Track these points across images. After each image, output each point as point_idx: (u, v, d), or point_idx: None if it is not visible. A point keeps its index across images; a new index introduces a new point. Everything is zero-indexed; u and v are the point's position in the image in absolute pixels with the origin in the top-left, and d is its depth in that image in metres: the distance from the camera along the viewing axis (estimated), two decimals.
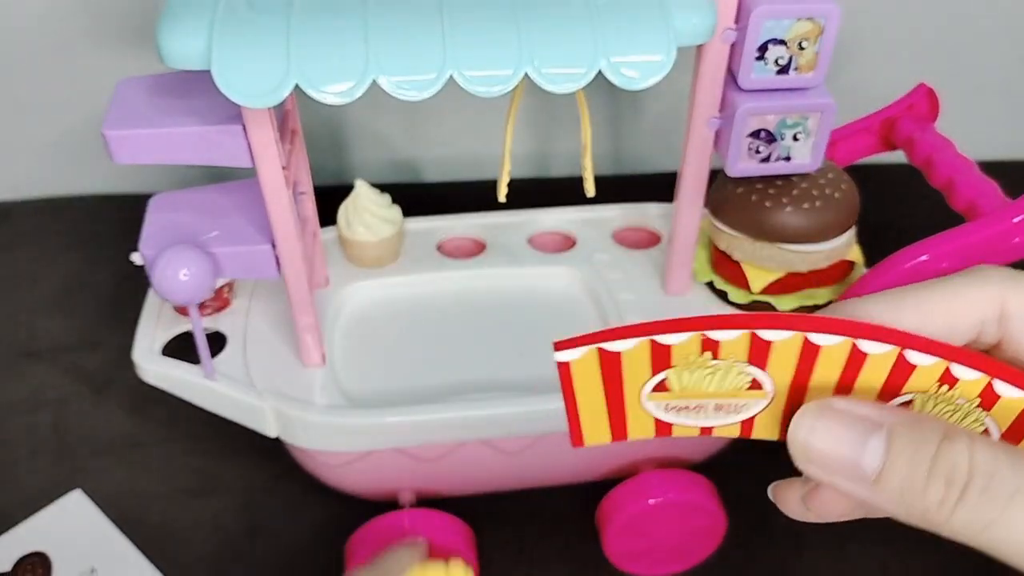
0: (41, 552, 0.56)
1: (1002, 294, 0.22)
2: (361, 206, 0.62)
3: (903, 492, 0.20)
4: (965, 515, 0.19)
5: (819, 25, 0.50)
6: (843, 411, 0.22)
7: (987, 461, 0.19)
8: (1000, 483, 0.19)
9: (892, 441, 0.20)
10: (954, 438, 0.20)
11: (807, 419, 0.22)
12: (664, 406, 0.25)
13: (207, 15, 0.43)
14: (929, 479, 0.20)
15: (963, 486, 0.19)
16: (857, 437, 0.21)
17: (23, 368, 0.68)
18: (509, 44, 0.43)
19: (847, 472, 0.21)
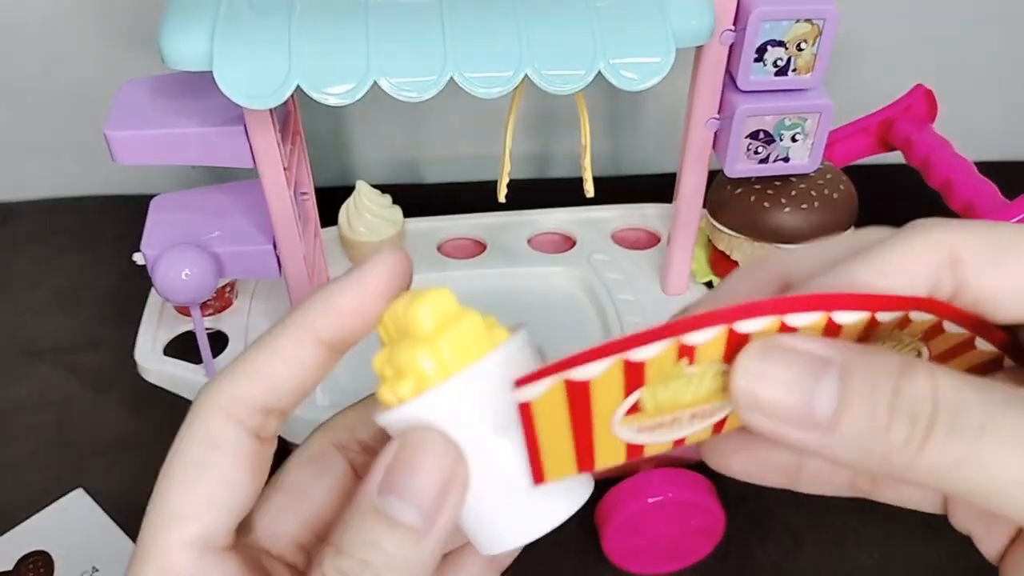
0: (43, 551, 0.56)
1: (949, 240, 0.21)
2: (362, 206, 0.62)
3: (862, 435, 0.18)
4: (931, 454, 0.18)
5: (817, 27, 0.50)
6: (789, 349, 0.19)
7: (952, 393, 0.18)
8: (967, 416, 0.18)
9: (846, 379, 0.19)
10: (914, 370, 0.18)
11: (750, 362, 0.20)
12: (637, 428, 0.23)
13: (209, 17, 0.43)
14: (891, 417, 0.18)
15: (928, 422, 0.18)
16: (807, 377, 0.19)
17: (26, 368, 0.68)
18: (509, 46, 0.43)
19: (798, 419, 0.19)
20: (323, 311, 0.24)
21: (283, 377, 0.24)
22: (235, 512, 0.24)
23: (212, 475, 0.24)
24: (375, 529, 0.22)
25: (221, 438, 0.24)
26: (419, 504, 0.22)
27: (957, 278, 0.21)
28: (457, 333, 0.23)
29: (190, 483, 0.24)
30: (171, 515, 0.24)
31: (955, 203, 0.59)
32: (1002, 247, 0.21)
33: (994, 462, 0.17)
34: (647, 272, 0.64)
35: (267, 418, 0.25)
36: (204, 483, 0.24)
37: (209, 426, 0.24)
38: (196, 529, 0.23)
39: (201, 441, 0.24)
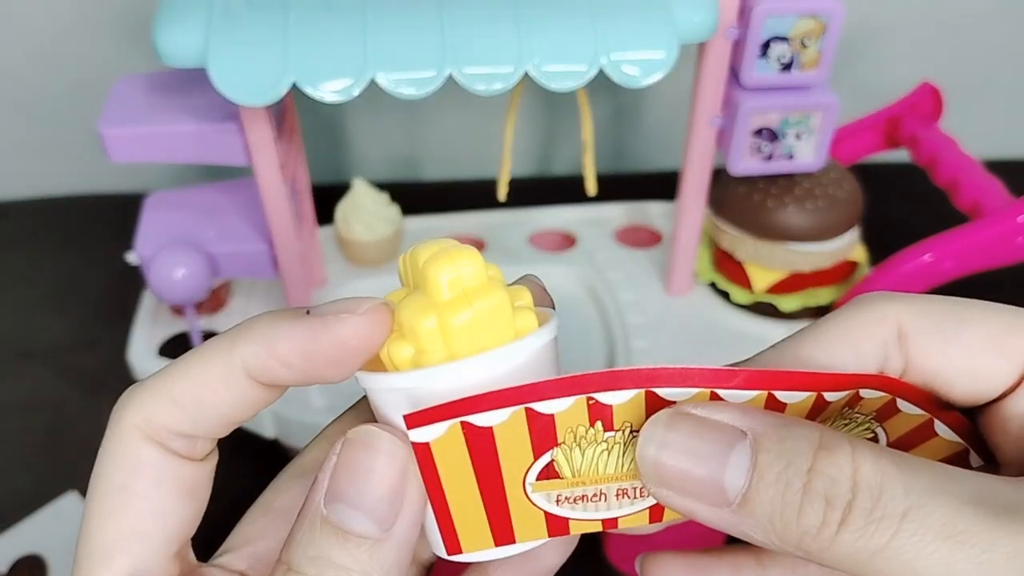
0: (36, 554, 0.55)
1: (895, 313, 0.20)
2: (359, 205, 0.61)
3: (774, 516, 0.17)
4: (848, 542, 0.16)
5: (822, 23, 0.49)
6: (700, 419, 0.18)
7: (874, 476, 0.16)
8: (890, 501, 0.16)
9: (759, 453, 0.17)
10: (833, 447, 0.17)
11: (657, 430, 0.18)
12: (555, 497, 0.20)
13: (204, 13, 0.42)
14: (804, 498, 0.17)
15: (845, 506, 0.16)
16: (717, 449, 0.17)
17: (18, 369, 0.68)
18: (509, 42, 0.42)
19: (706, 495, 0.18)
20: (260, 351, 0.21)
21: (212, 407, 0.21)
22: (170, 539, 0.22)
23: (136, 504, 0.21)
24: (324, 542, 0.19)
25: (142, 463, 0.21)
26: (370, 510, 0.19)
27: (905, 353, 0.20)
28: (477, 311, 0.20)
29: (114, 515, 0.21)
30: (97, 552, 0.21)
31: (961, 202, 0.58)
32: (949, 322, 0.20)
33: (917, 556, 0.16)
34: (649, 271, 0.63)
35: (192, 442, 0.22)
36: (129, 514, 0.21)
37: (128, 449, 0.21)
38: (126, 565, 0.21)
39: (120, 466, 0.21)
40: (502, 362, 0.20)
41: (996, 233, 0.55)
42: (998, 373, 0.20)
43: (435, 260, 0.20)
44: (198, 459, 0.22)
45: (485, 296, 0.20)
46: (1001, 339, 0.20)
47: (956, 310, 0.20)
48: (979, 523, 0.16)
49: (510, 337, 0.20)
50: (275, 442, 0.56)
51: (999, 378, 0.20)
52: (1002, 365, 0.20)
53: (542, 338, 0.20)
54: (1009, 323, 0.20)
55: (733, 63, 0.51)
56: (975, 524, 0.16)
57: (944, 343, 0.20)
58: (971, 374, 0.20)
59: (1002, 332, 0.20)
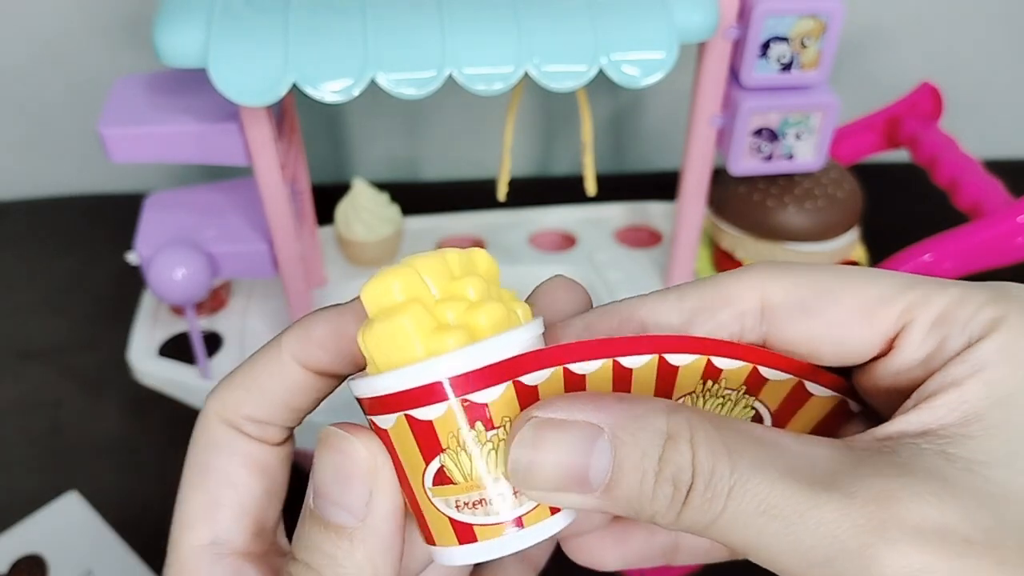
0: (37, 555, 0.55)
1: (761, 284, 0.22)
2: (359, 205, 0.61)
3: (631, 498, 0.20)
4: (690, 515, 0.19)
5: (822, 23, 0.49)
6: (561, 422, 0.20)
7: (706, 460, 0.19)
8: (719, 481, 0.19)
9: (618, 447, 0.19)
10: (676, 437, 0.19)
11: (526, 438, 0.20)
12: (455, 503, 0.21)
13: (204, 13, 0.42)
14: (657, 484, 0.19)
15: (687, 488, 0.19)
16: (580, 448, 0.20)
17: (19, 369, 0.68)
18: (509, 42, 0.42)
19: (574, 487, 0.20)
20: (299, 338, 0.24)
21: (272, 393, 0.24)
22: (245, 510, 0.24)
23: (213, 478, 0.24)
24: (313, 533, 0.22)
25: (218, 443, 0.24)
26: (344, 504, 0.22)
27: (767, 325, 0.22)
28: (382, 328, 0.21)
29: (196, 488, 0.24)
30: (184, 521, 0.24)
31: (961, 202, 0.58)
32: (815, 295, 0.22)
33: (739, 525, 0.19)
34: (649, 271, 0.63)
35: (263, 428, 0.25)
36: (208, 486, 0.24)
37: (209, 432, 0.25)
38: (207, 532, 0.24)
39: (202, 446, 0.25)
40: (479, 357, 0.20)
41: (996, 233, 0.55)
42: (865, 342, 0.21)
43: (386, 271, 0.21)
44: (271, 443, 0.25)
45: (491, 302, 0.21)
46: (871, 310, 0.21)
47: (828, 283, 0.22)
48: (789, 497, 0.18)
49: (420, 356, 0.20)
50: None
51: (865, 347, 0.22)
52: (869, 335, 0.21)
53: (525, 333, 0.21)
54: (880, 294, 0.21)
55: (733, 63, 0.51)
56: (785, 498, 0.18)
57: (807, 317, 0.22)
58: (837, 344, 0.22)
59: (872, 303, 0.21)
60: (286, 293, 0.54)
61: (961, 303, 0.20)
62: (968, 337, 0.20)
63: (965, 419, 0.19)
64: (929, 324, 0.21)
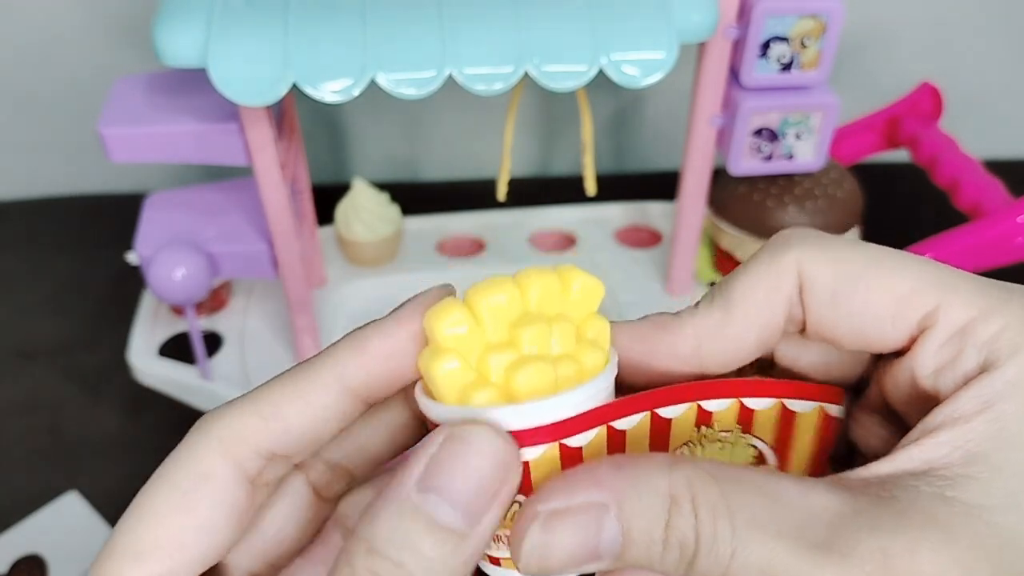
0: (36, 555, 0.55)
1: (799, 261, 0.21)
2: (359, 205, 0.61)
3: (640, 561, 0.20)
4: (698, 573, 0.20)
5: (822, 22, 0.49)
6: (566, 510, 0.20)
7: (708, 522, 0.19)
8: (721, 544, 0.19)
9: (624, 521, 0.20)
10: (679, 501, 0.19)
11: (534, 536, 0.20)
12: None
13: (204, 13, 0.42)
14: (665, 550, 0.20)
15: (693, 552, 0.19)
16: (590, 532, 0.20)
17: (19, 369, 0.68)
18: (509, 42, 0.42)
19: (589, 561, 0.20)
20: (353, 354, 0.22)
21: (298, 425, 0.22)
22: (205, 560, 0.22)
23: (187, 517, 0.22)
24: (413, 529, 0.20)
25: (210, 476, 0.22)
26: (463, 506, 0.20)
27: (805, 307, 0.22)
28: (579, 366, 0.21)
29: (162, 518, 0.22)
30: (132, 548, 0.22)
31: (962, 202, 0.58)
32: (850, 277, 0.21)
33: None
34: (649, 271, 0.63)
35: (269, 464, 0.23)
36: (176, 522, 0.22)
37: (201, 459, 0.22)
38: (154, 571, 0.21)
39: (188, 474, 0.22)
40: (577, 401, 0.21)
41: (996, 233, 0.55)
42: (887, 339, 0.21)
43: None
44: (263, 485, 0.23)
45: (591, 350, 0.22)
46: (899, 306, 0.21)
47: (861, 267, 0.21)
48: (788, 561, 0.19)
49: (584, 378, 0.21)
50: None
51: (887, 343, 0.21)
52: (892, 331, 0.21)
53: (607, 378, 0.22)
54: (911, 288, 0.21)
55: (733, 63, 0.51)
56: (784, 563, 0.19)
57: (838, 301, 0.21)
58: (860, 333, 0.21)
59: (901, 298, 0.21)
60: (286, 293, 0.54)
61: (985, 319, 0.20)
62: (981, 360, 0.20)
63: (968, 458, 0.19)
64: (948, 335, 0.20)
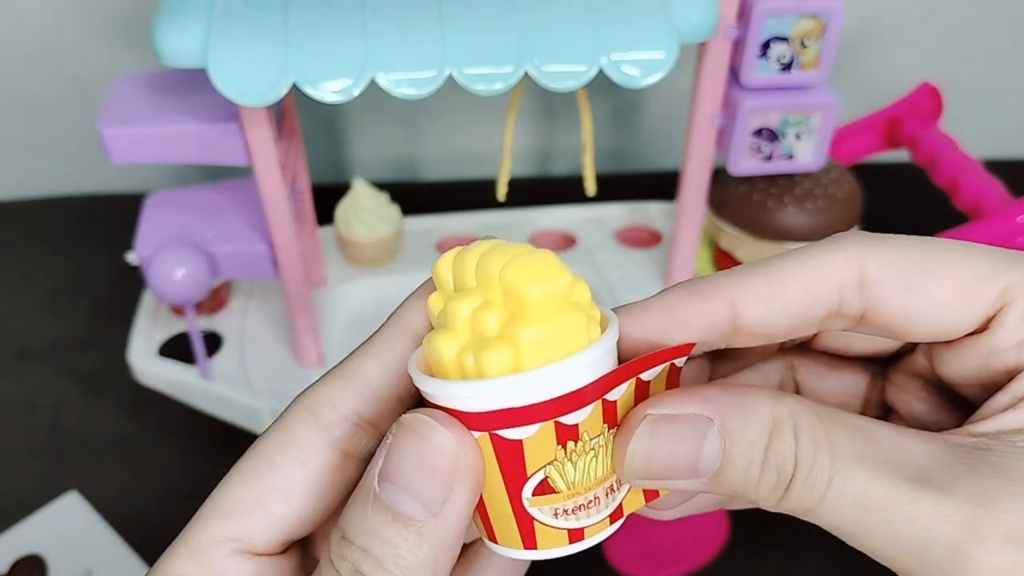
0: (36, 554, 0.55)
1: (860, 257, 0.21)
2: (359, 205, 0.61)
3: (736, 484, 0.20)
4: (791, 501, 0.20)
5: (822, 22, 0.49)
6: (675, 417, 0.21)
7: (809, 449, 0.20)
8: (819, 472, 0.20)
9: (728, 438, 0.20)
10: (781, 427, 0.20)
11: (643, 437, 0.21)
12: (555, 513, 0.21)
13: (204, 13, 0.42)
14: (762, 472, 0.20)
15: (790, 477, 0.20)
16: (693, 441, 0.20)
17: (19, 369, 0.68)
18: (509, 42, 0.42)
19: (685, 476, 0.21)
20: (418, 307, 0.23)
21: (378, 383, 0.23)
22: (287, 526, 0.23)
23: (270, 480, 0.22)
24: (376, 518, 0.20)
25: (296, 443, 0.22)
26: (419, 495, 0.20)
27: (866, 299, 0.22)
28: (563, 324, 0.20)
29: (246, 481, 0.23)
30: (217, 509, 0.22)
31: (962, 202, 0.58)
32: (916, 269, 0.21)
33: (837, 514, 0.20)
34: (650, 271, 0.63)
35: (357, 431, 0.23)
36: (259, 485, 0.22)
37: (292, 428, 0.23)
38: (235, 528, 0.22)
39: (277, 440, 0.23)
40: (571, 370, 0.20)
41: (997, 233, 0.55)
42: (962, 321, 0.21)
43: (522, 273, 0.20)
44: (353, 454, 0.23)
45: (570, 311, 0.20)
46: (970, 290, 0.21)
47: (927, 257, 0.21)
48: (886, 491, 0.19)
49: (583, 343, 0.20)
50: None
51: (962, 325, 0.22)
52: (967, 314, 0.21)
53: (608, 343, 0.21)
54: (980, 272, 0.21)
55: (733, 63, 0.51)
56: (882, 492, 0.19)
57: (908, 292, 0.21)
58: (935, 322, 0.22)
59: (972, 281, 0.21)
60: (286, 293, 0.53)
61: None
62: None
63: None
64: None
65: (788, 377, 0.27)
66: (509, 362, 0.20)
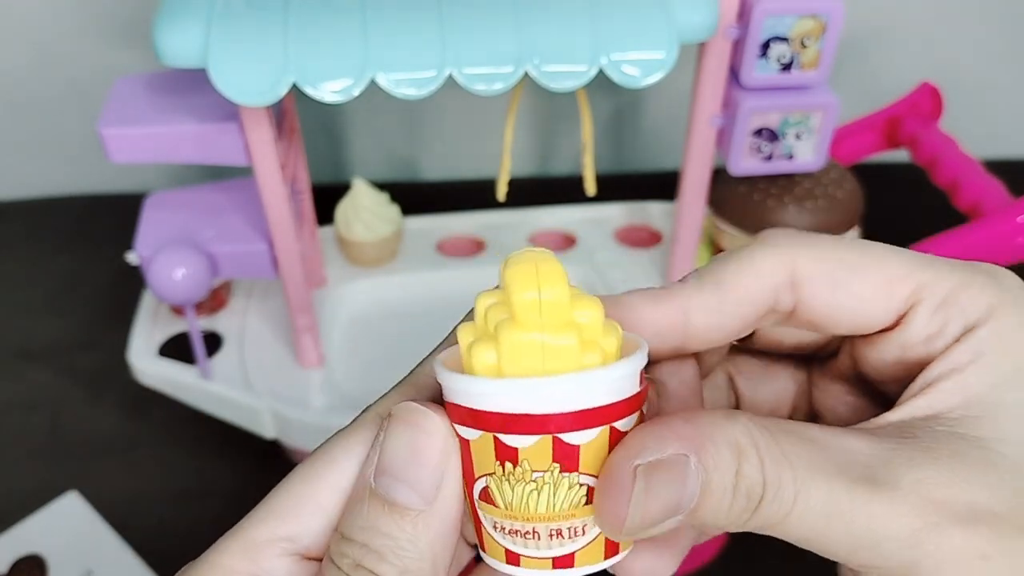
0: (36, 554, 0.55)
1: (792, 257, 0.23)
2: (359, 205, 0.61)
3: (709, 511, 0.21)
4: (758, 521, 0.21)
5: (822, 22, 0.49)
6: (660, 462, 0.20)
7: (772, 469, 0.20)
8: (785, 489, 0.20)
9: (704, 471, 0.20)
10: (746, 451, 0.21)
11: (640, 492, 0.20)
12: (493, 523, 0.21)
13: (204, 13, 0.42)
14: (734, 497, 0.21)
15: (759, 499, 0.20)
16: (681, 482, 0.20)
17: (19, 369, 0.68)
18: (509, 42, 0.42)
19: (671, 518, 0.21)
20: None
21: None
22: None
23: (328, 479, 0.22)
24: (372, 512, 0.21)
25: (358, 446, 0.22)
26: (414, 483, 0.21)
27: (797, 295, 0.23)
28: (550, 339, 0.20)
29: (304, 481, 0.22)
30: (273, 508, 0.22)
31: (962, 202, 0.58)
32: (842, 268, 0.23)
33: (803, 525, 0.21)
34: (650, 271, 0.63)
35: None
36: (316, 485, 0.22)
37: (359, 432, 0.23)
38: (289, 529, 0.22)
39: (342, 444, 0.22)
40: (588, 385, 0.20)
41: (997, 233, 0.55)
42: (880, 316, 0.23)
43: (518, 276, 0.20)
44: None
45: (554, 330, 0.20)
46: (889, 287, 0.23)
47: (851, 257, 0.23)
48: (844, 497, 0.20)
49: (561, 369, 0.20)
50: (275, 442, 0.56)
51: (879, 319, 0.23)
52: (884, 309, 0.23)
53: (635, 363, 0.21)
54: (897, 272, 0.23)
55: (733, 63, 0.51)
56: (841, 499, 0.20)
57: (834, 289, 0.23)
58: (856, 316, 0.23)
59: (890, 280, 0.23)
60: (286, 293, 0.53)
61: (962, 288, 0.22)
62: (965, 322, 0.22)
63: (967, 401, 0.22)
64: (934, 307, 0.22)
65: (729, 386, 0.28)
66: (492, 362, 0.20)
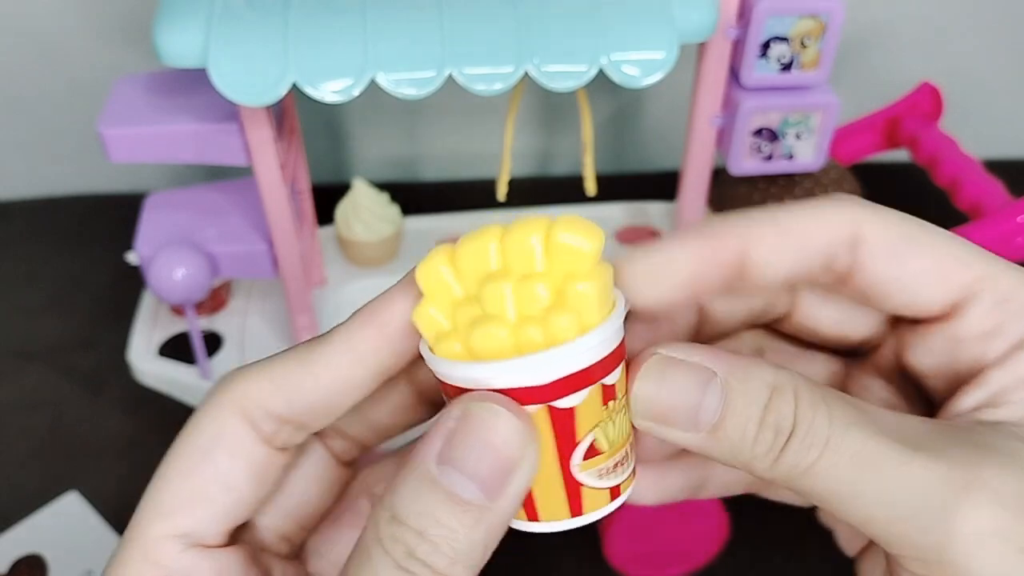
0: (36, 554, 0.55)
1: (856, 219, 0.22)
2: (359, 205, 0.61)
3: (734, 440, 0.21)
4: (786, 462, 0.20)
5: (822, 22, 0.49)
6: (681, 361, 0.21)
7: (807, 409, 0.20)
8: (816, 431, 0.20)
9: (728, 392, 0.21)
10: (782, 386, 0.21)
11: (652, 370, 0.22)
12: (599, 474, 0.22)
13: (204, 13, 0.42)
14: (760, 429, 0.20)
15: (788, 435, 0.20)
16: (697, 388, 0.21)
17: (19, 368, 0.68)
18: (509, 42, 0.42)
19: (685, 423, 0.21)
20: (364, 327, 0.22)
21: (311, 394, 0.23)
22: (230, 515, 0.23)
23: (208, 471, 0.23)
24: (432, 501, 0.20)
25: (227, 435, 0.23)
26: (482, 481, 0.20)
27: (855, 259, 0.22)
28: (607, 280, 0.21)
29: (184, 475, 0.23)
30: (160, 508, 0.23)
31: (962, 202, 0.59)
32: (905, 239, 0.22)
33: (832, 475, 0.20)
34: None
35: (283, 427, 0.23)
36: (198, 477, 0.23)
37: (218, 420, 0.23)
38: (183, 524, 0.23)
39: (206, 433, 0.23)
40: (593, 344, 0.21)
41: (997, 233, 0.55)
42: (935, 300, 0.22)
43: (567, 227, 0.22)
44: (278, 447, 0.24)
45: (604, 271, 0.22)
46: (947, 270, 0.22)
47: (915, 232, 0.22)
48: (881, 451, 0.20)
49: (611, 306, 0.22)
50: None
51: (933, 304, 0.23)
52: (940, 293, 0.22)
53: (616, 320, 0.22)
54: (957, 255, 0.22)
55: (733, 63, 0.51)
56: (878, 452, 0.20)
57: (894, 260, 0.22)
58: (909, 294, 0.23)
59: (949, 262, 0.22)
60: (286, 293, 0.54)
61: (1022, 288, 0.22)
62: None
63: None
64: (994, 301, 0.22)
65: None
66: (576, 324, 0.20)
